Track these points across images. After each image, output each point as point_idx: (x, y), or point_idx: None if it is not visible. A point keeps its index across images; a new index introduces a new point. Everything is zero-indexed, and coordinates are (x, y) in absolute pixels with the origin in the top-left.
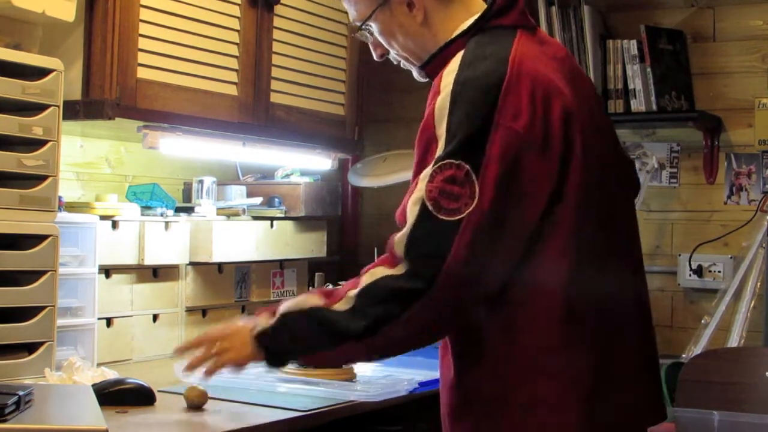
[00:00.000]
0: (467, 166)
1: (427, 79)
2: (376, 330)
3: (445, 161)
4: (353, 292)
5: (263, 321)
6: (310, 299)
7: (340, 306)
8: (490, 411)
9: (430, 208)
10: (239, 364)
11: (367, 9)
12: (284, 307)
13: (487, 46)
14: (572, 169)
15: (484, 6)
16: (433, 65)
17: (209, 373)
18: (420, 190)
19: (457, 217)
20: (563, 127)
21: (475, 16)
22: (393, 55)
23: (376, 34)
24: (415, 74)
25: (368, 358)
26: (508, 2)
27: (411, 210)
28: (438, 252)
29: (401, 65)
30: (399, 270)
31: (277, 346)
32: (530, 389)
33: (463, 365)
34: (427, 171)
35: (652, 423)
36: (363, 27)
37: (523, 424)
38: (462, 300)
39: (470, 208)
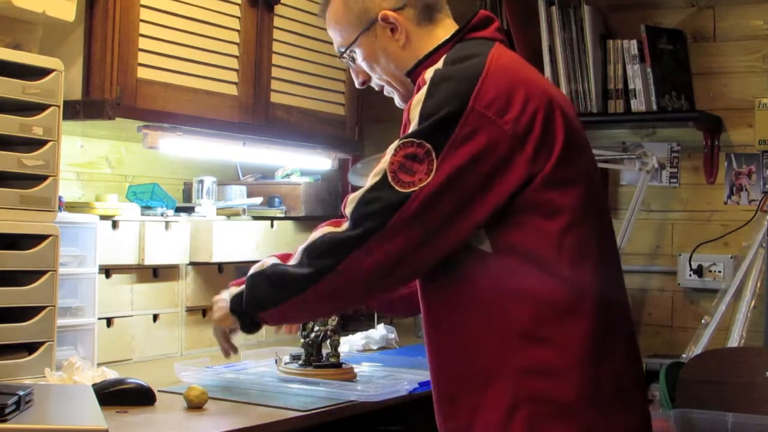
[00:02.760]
0: (428, 145)
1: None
2: (318, 279)
3: (409, 140)
4: (300, 248)
5: (235, 288)
6: (269, 259)
7: (291, 261)
8: (484, 381)
9: (389, 177)
10: (231, 331)
11: (351, 35)
12: (250, 270)
13: (468, 49)
14: (570, 155)
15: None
16: (418, 71)
17: (224, 351)
18: (384, 162)
19: (408, 190)
20: (545, 116)
21: (454, 31)
22: (375, 81)
23: (359, 60)
24: (397, 100)
25: (315, 309)
26: (486, 19)
27: (371, 177)
28: (381, 214)
29: (384, 91)
30: (342, 227)
31: (246, 307)
32: (523, 357)
33: (449, 344)
34: (393, 145)
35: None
36: (348, 53)
37: (519, 388)
38: (395, 263)
39: (423, 184)
